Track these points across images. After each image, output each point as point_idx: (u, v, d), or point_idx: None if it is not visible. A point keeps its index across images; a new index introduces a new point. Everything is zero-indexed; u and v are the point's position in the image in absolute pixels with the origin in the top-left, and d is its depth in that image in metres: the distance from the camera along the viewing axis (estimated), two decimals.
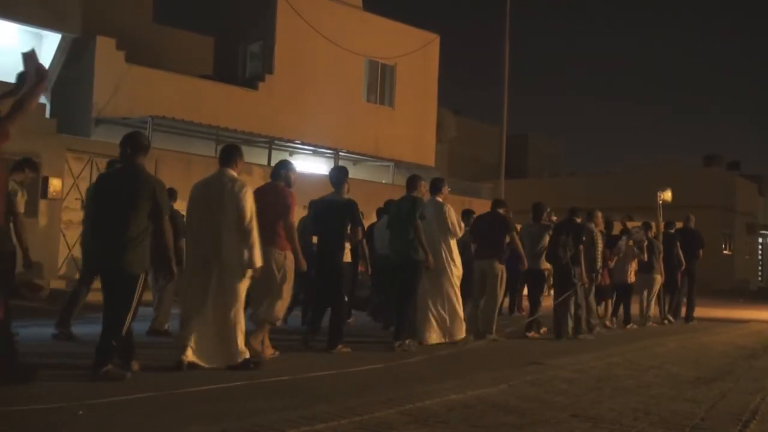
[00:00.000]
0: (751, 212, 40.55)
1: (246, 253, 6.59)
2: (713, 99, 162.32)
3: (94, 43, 18.07)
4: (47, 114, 17.12)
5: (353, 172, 22.17)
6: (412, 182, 9.19)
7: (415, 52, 24.93)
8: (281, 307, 7.48)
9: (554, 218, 12.42)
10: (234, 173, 6.85)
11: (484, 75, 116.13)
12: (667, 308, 14.59)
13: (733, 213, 37.26)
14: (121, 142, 6.14)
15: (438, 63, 26.32)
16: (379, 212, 11.95)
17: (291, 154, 21.51)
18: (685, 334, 12.38)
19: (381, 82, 24.70)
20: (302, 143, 20.71)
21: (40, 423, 4.55)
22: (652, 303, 13.91)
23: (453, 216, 9.52)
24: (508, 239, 10.35)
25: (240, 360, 6.61)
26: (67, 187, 15.16)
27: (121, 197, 5.93)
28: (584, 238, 11.08)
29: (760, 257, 43.28)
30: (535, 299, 11.32)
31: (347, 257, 8.77)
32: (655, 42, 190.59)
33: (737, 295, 27.83)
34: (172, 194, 9.30)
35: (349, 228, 8.35)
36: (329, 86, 22.56)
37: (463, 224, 9.81)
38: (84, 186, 14.40)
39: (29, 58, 5.69)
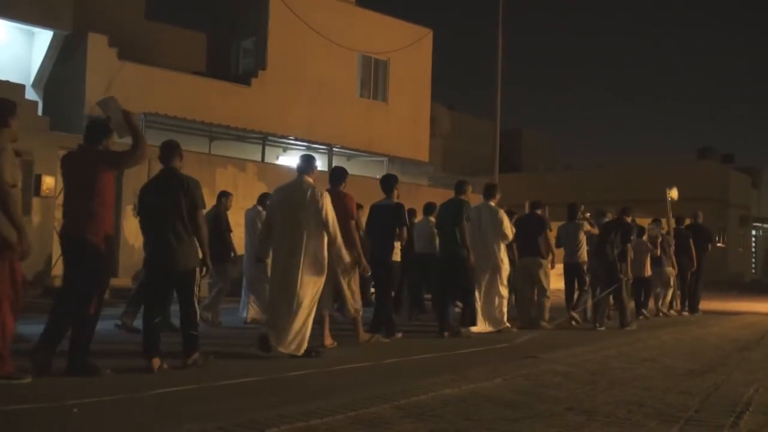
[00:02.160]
0: (745, 205, 40.67)
1: (335, 252, 7.53)
2: (707, 92, 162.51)
3: (86, 40, 18.02)
4: (39, 111, 17.07)
5: (346, 168, 22.27)
6: (461, 186, 10.10)
7: (409, 47, 24.93)
8: (357, 300, 8.38)
9: (588, 214, 12.94)
10: (311, 180, 7.61)
11: (478, 69, 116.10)
12: (676, 300, 15.23)
13: (727, 206, 37.38)
14: (160, 147, 6.81)
15: (431, 58, 26.33)
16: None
17: (284, 149, 21.50)
18: (679, 326, 12.43)
19: (374, 78, 24.69)
20: (295, 139, 20.70)
21: (36, 421, 4.55)
22: (668, 295, 14.69)
23: (506, 221, 10.47)
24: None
25: (303, 351, 7.30)
26: (60, 184, 15.08)
27: (165, 200, 6.49)
28: (632, 237, 11.98)
29: (753, 250, 43.43)
30: (580, 291, 12.17)
31: (396, 256, 9.53)
32: (649, 36, 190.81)
33: (731, 287, 27.93)
34: (227, 195, 10.50)
35: (397, 229, 9.25)
36: (322, 82, 22.54)
37: (513, 227, 10.76)
38: None
39: (105, 106, 6.34)
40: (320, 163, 21.17)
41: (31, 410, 4.78)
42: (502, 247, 10.44)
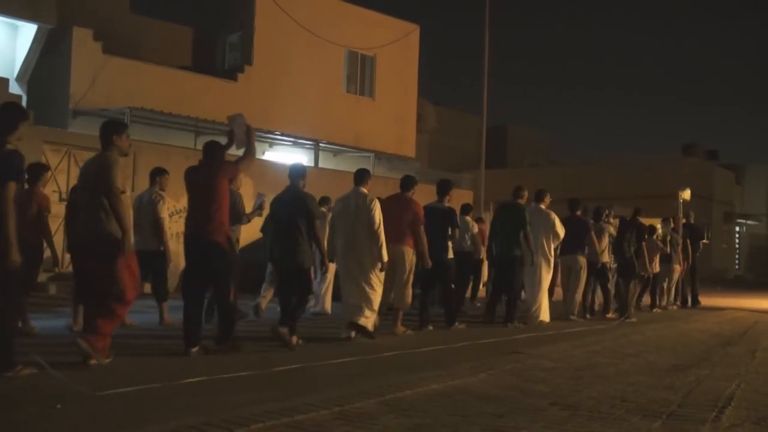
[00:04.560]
0: (729, 201, 40.95)
1: (376, 251, 8.62)
2: (692, 88, 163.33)
3: (71, 34, 17.88)
4: (24, 106, 16.92)
5: (333, 164, 22.25)
6: (519, 192, 11.39)
7: (395, 43, 24.90)
8: (408, 293, 9.49)
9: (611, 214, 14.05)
10: (365, 190, 8.90)
11: (464, 65, 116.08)
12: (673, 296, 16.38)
13: (711, 202, 37.60)
14: (289, 169, 8.43)
15: (418, 53, 26.31)
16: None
17: (270, 145, 21.45)
18: (663, 322, 12.54)
19: (361, 73, 24.64)
20: (282, 134, 20.64)
21: (19, 417, 4.53)
22: (673, 290, 15.98)
23: (558, 222, 11.66)
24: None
25: (362, 325, 8.53)
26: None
27: (289, 211, 8.00)
28: (646, 235, 13.33)
29: (737, 246, 43.74)
30: (605, 287, 13.14)
31: (450, 254, 10.51)
32: (635, 33, 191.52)
33: (715, 283, 28.13)
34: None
35: (450, 230, 10.35)
36: (309, 77, 22.48)
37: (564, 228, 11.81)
38: (62, 179, 14.30)
39: (234, 120, 7.77)
40: (306, 159, 21.18)
41: (15, 405, 4.76)
42: (551, 246, 11.65)
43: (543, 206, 11.83)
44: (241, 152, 7.82)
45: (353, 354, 7.40)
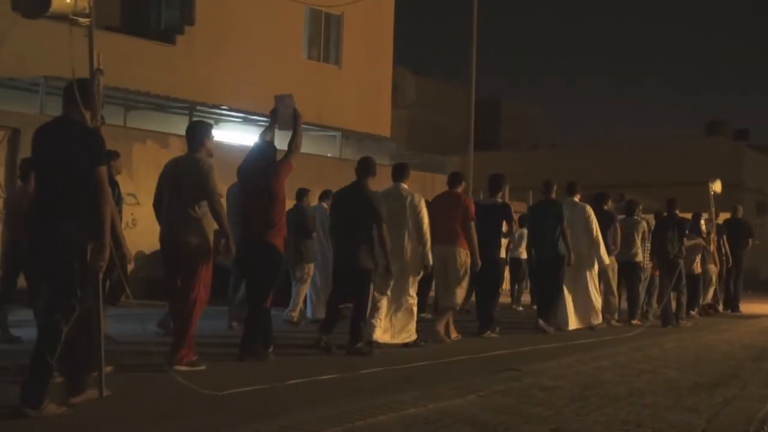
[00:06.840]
0: (761, 189, 41.26)
1: (423, 253, 9.50)
2: (718, 58, 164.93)
3: None
4: None
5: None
6: (549, 186, 12.20)
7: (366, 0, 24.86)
8: (460, 296, 10.41)
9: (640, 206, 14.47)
10: (407, 186, 9.75)
11: (450, 27, 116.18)
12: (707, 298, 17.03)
13: (741, 189, 37.83)
14: (357, 162, 9.43)
15: (394, 12, 26.28)
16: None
17: (216, 122, 21.30)
18: (685, 332, 12.64)
19: (325, 36, 24.58)
20: (230, 109, 20.51)
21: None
22: (709, 292, 16.76)
23: (593, 217, 12.32)
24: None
25: (410, 340, 9.58)
26: None
27: (352, 211, 8.98)
28: (687, 232, 13.94)
29: None
30: (634, 290, 13.71)
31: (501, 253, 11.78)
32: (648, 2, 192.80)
33: (745, 285, 28.37)
34: (307, 192, 12.21)
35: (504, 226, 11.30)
36: (262, 40, 22.36)
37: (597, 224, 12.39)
38: None
39: (281, 101, 8.53)
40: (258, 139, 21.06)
41: None
42: (588, 243, 12.23)
43: (577, 199, 12.56)
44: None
45: (319, 372, 7.34)
